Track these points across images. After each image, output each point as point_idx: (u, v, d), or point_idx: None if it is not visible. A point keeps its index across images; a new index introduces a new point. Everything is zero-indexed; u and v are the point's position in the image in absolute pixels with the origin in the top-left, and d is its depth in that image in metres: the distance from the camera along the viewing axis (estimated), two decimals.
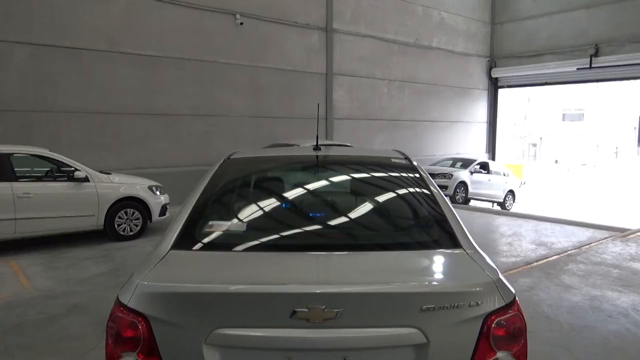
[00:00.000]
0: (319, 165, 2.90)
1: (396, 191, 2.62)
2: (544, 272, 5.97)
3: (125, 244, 7.36)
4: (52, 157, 7.14)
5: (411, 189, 2.56)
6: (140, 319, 1.63)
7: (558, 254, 6.94)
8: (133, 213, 7.72)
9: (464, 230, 2.11)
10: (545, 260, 6.59)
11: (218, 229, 2.18)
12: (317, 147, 3.00)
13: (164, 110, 10.93)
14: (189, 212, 2.21)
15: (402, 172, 2.72)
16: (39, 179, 7.10)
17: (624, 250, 7.15)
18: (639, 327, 4.24)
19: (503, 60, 18.88)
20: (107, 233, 7.49)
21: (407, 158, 2.92)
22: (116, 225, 7.54)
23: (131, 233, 7.71)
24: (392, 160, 2.92)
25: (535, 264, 6.43)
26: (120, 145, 10.40)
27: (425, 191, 2.44)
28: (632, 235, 8.25)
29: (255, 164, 2.97)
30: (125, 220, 7.64)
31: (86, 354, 3.65)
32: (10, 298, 4.96)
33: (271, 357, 1.63)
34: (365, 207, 2.53)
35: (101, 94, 10.04)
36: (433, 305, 1.60)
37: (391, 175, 2.77)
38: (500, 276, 1.76)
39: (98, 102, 10.02)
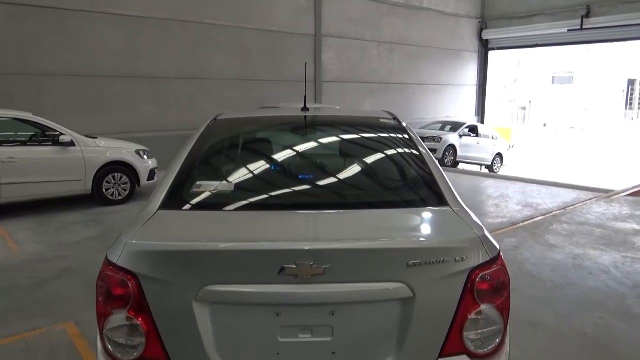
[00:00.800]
0: (307, 126, 2.88)
1: (385, 151, 2.62)
2: (529, 233, 6.09)
3: (114, 209, 7.34)
4: (36, 121, 7.00)
5: (400, 149, 2.56)
6: (129, 277, 1.64)
7: (543, 215, 7.07)
8: (121, 177, 7.67)
9: (451, 189, 2.13)
10: (530, 221, 6.71)
11: (206, 189, 2.17)
12: (305, 108, 2.98)
13: (149, 73, 10.70)
14: (176, 173, 2.20)
15: (391, 133, 2.72)
16: (23, 143, 6.97)
17: (608, 210, 7.30)
18: (619, 284, 4.37)
19: (494, 22, 18.63)
20: (95, 198, 7.45)
21: (395, 118, 2.91)
22: (104, 190, 7.50)
23: (120, 197, 7.68)
24: (381, 120, 2.90)
25: (521, 224, 6.54)
26: (106, 109, 10.22)
27: (414, 151, 2.44)
28: (616, 197, 8.40)
29: (242, 125, 2.94)
30: (113, 185, 7.59)
31: (78, 315, 3.69)
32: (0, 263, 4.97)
33: (260, 312, 1.66)
34: (354, 167, 2.53)
35: (84, 56, 9.78)
36: (419, 261, 1.63)
37: (380, 136, 2.76)
38: (486, 233, 1.79)
39: (81, 64, 9.77)
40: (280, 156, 2.65)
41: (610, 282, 4.42)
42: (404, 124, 2.79)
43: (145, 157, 8.04)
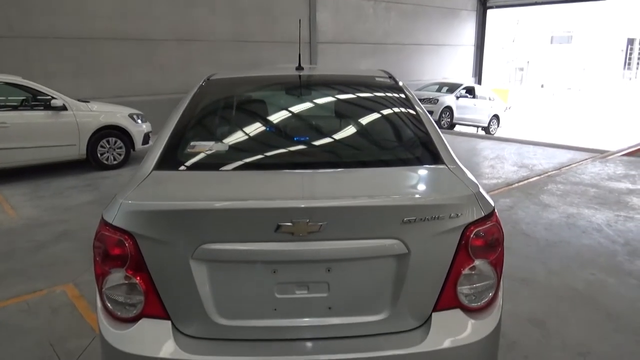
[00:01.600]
0: (302, 86, 2.84)
1: (381, 111, 2.59)
2: (524, 193, 6.13)
3: (109, 173, 7.32)
4: (26, 84, 6.88)
5: (396, 109, 2.54)
6: (126, 236, 1.64)
7: (538, 175, 7.10)
8: (115, 142, 7.61)
9: (447, 147, 2.12)
10: (526, 182, 6.74)
11: (200, 149, 2.15)
12: (299, 67, 2.93)
13: (140, 35, 10.46)
14: (169, 134, 2.18)
15: (387, 92, 2.69)
16: (14, 108, 6.87)
17: (602, 170, 7.33)
18: (611, 241, 4.44)
19: None
20: (90, 162, 7.42)
21: (391, 77, 2.87)
22: (99, 155, 7.46)
23: (115, 162, 7.64)
24: (377, 79, 2.86)
25: (516, 185, 6.58)
26: (97, 73, 10.04)
27: (410, 110, 2.42)
28: (611, 157, 8.42)
29: (236, 85, 2.89)
30: (108, 150, 7.55)
31: (77, 277, 3.73)
32: None
33: (257, 270, 1.67)
34: (349, 127, 2.51)
35: (73, 17, 9.52)
36: (414, 217, 1.63)
37: (376, 95, 2.73)
38: (480, 189, 1.79)
39: (70, 26, 9.52)
40: (275, 116, 2.62)
41: (602, 239, 4.49)
42: (400, 83, 2.75)
43: (139, 121, 7.96)
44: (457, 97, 14.53)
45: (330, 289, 1.69)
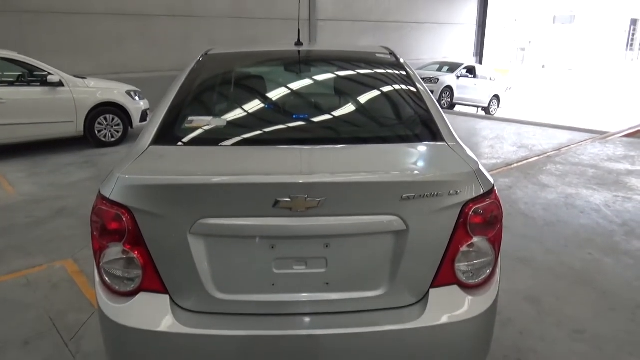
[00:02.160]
0: (301, 62, 2.80)
1: (381, 87, 2.56)
2: (523, 173, 6.12)
3: (107, 150, 7.29)
4: (22, 60, 6.80)
5: (397, 86, 2.51)
6: (123, 211, 1.63)
7: (538, 156, 7.09)
8: (113, 119, 7.56)
9: (447, 125, 2.11)
10: (525, 162, 6.73)
11: (198, 124, 2.12)
12: (299, 43, 2.89)
13: (137, 10, 10.30)
14: (167, 109, 2.15)
15: (388, 69, 2.65)
16: (10, 84, 6.80)
17: (602, 151, 7.32)
18: (609, 222, 4.46)
19: None
20: (88, 140, 7.38)
21: (392, 54, 2.83)
22: (97, 132, 7.41)
23: (113, 139, 7.61)
24: (377, 55, 2.83)
25: (515, 165, 6.57)
26: (93, 49, 9.91)
27: (411, 88, 2.39)
28: (611, 138, 8.40)
29: (234, 60, 2.85)
30: (105, 127, 7.50)
31: (77, 252, 3.74)
32: None
33: (255, 245, 1.67)
34: (349, 103, 2.48)
35: None
36: (413, 194, 1.62)
37: (376, 72, 2.69)
38: (480, 167, 1.77)
39: (66, 1, 9.35)
40: (274, 92, 2.59)
41: (600, 220, 4.50)
42: (401, 60, 2.71)
43: (137, 98, 7.90)
44: (458, 77, 14.42)
45: (328, 264, 1.69)
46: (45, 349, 2.58)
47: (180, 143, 2.00)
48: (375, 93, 2.51)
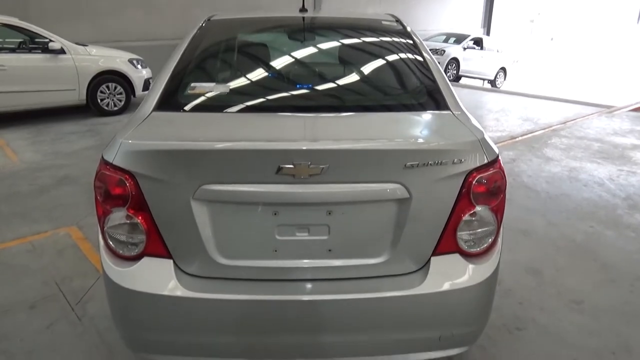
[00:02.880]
0: (306, 29, 2.75)
1: (387, 56, 2.51)
2: (527, 146, 6.09)
3: (110, 119, 7.27)
4: (22, 26, 6.71)
5: (402, 54, 2.46)
6: (126, 176, 1.63)
7: (543, 129, 7.03)
8: (115, 87, 7.51)
9: (453, 94, 2.08)
10: (530, 135, 6.68)
11: (201, 90, 2.10)
12: (303, 9, 2.83)
13: None
14: (169, 75, 2.13)
15: (394, 37, 2.60)
16: (12, 50, 6.73)
17: (608, 125, 7.25)
18: (612, 195, 4.45)
19: None
20: (91, 108, 7.35)
21: (399, 21, 2.77)
22: (99, 100, 7.37)
23: (115, 108, 7.57)
24: (383, 23, 2.77)
25: (520, 138, 6.52)
26: (95, 16, 9.75)
27: (417, 56, 2.36)
28: (617, 112, 8.31)
29: (237, 27, 2.80)
30: (108, 95, 7.45)
31: (81, 219, 3.77)
32: None
33: (258, 211, 1.67)
34: (354, 71, 2.45)
35: None
36: (417, 162, 1.61)
37: (382, 40, 2.65)
38: (485, 136, 1.76)
39: None
40: (278, 58, 2.55)
41: (603, 193, 4.49)
42: (408, 28, 2.66)
43: (139, 66, 7.82)
44: (464, 49, 14.18)
45: (331, 231, 1.70)
46: (51, 312, 2.63)
47: (182, 109, 1.98)
48: (380, 61, 2.47)
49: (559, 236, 3.62)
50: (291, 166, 1.57)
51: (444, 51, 13.66)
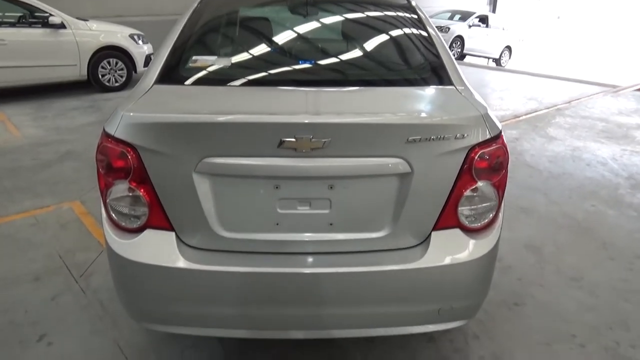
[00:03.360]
0: (308, 2, 2.71)
1: (391, 31, 2.48)
2: (531, 125, 6.05)
3: (111, 95, 7.23)
4: (22, 0, 6.61)
5: (407, 29, 2.43)
6: (128, 149, 1.63)
7: (547, 108, 6.98)
8: (116, 63, 7.45)
9: (457, 69, 2.06)
10: (534, 114, 6.64)
11: (203, 64, 2.09)
12: None
13: None
14: (170, 48, 2.11)
15: (399, 11, 2.57)
16: (11, 25, 6.66)
17: (613, 104, 7.19)
18: (614, 174, 4.44)
19: None
20: (92, 84, 7.31)
21: None
22: (100, 76, 7.32)
23: (117, 84, 7.53)
24: None
25: (524, 117, 6.48)
26: None
27: (422, 32, 2.33)
28: (622, 91, 8.23)
29: (238, 0, 2.76)
30: (109, 71, 7.40)
31: (84, 194, 3.79)
32: (2, 145, 4.99)
33: (260, 185, 1.67)
34: (358, 45, 2.42)
35: None
36: (419, 137, 1.61)
37: (386, 14, 2.61)
38: (488, 111, 1.75)
39: None
40: (280, 32, 2.52)
41: (606, 172, 4.48)
42: (413, 3, 2.62)
43: (140, 42, 7.74)
44: (470, 26, 13.99)
45: (332, 205, 1.70)
46: (55, 285, 2.66)
47: (184, 82, 1.97)
48: (384, 36, 2.44)
49: (560, 215, 3.63)
50: (293, 140, 1.56)
51: (449, 29, 13.48)
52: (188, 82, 1.96)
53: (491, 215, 1.80)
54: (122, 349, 2.21)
